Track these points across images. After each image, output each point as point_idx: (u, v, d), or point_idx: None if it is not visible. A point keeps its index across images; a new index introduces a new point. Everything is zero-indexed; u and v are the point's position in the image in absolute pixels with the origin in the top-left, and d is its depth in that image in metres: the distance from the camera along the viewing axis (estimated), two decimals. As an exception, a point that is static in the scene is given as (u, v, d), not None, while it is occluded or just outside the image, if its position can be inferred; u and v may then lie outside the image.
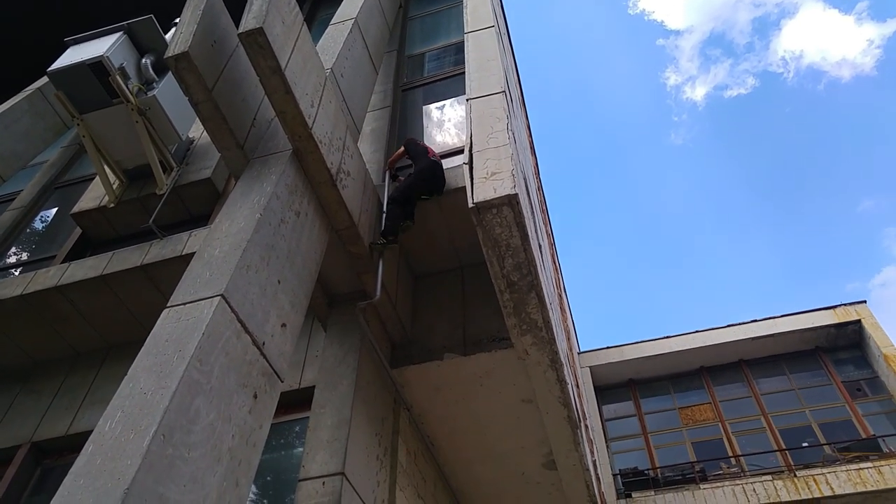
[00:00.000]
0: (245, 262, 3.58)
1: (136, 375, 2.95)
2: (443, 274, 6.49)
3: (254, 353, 3.45)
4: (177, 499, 2.63)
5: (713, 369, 18.65)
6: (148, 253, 6.15)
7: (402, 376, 5.92)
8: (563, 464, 6.67)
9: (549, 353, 5.47)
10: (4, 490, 5.58)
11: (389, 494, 5.19)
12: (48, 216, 8.58)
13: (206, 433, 2.92)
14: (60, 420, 6.04)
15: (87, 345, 6.60)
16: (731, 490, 15.24)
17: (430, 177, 5.85)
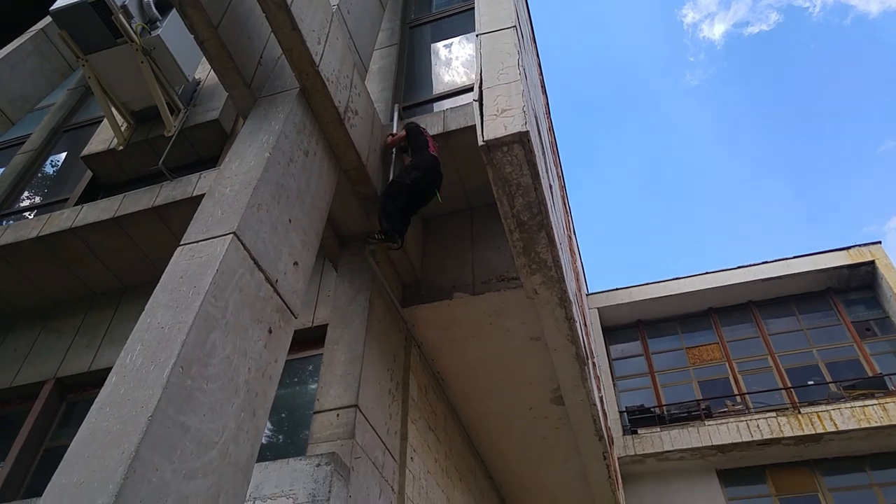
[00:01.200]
0: (256, 201, 3.62)
1: (153, 310, 3.03)
2: (452, 215, 6.51)
3: (267, 289, 3.52)
4: (197, 427, 2.75)
5: (722, 310, 18.78)
6: (158, 195, 6.21)
7: (412, 315, 6.03)
8: (570, 399, 6.83)
9: (558, 291, 5.54)
10: (33, 422, 5.83)
11: (402, 426, 5.37)
12: (58, 160, 8.62)
13: (223, 366, 3.02)
14: (82, 357, 6.23)
15: (104, 285, 6.74)
16: (734, 426, 15.55)
17: (433, 175, 5.36)
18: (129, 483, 2.32)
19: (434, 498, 5.70)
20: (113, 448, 2.44)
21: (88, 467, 2.40)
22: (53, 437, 5.95)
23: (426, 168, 5.30)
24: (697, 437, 15.69)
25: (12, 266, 6.55)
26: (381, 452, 4.76)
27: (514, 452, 7.76)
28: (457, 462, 6.73)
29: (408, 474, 5.15)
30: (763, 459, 15.55)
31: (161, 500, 2.44)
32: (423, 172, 5.26)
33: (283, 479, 3.86)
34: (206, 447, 2.76)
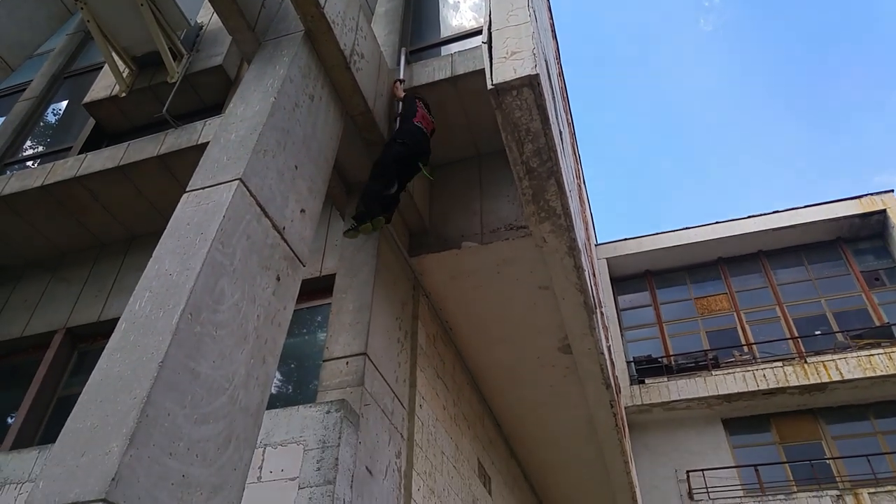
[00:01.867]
0: (262, 147, 3.55)
1: (160, 257, 3.01)
2: (460, 163, 6.42)
3: (274, 236, 3.49)
4: (207, 373, 2.75)
5: (731, 260, 18.71)
6: (163, 143, 6.13)
7: (420, 264, 6.00)
8: (578, 348, 6.85)
9: (567, 240, 5.49)
10: (46, 371, 5.90)
11: (410, 374, 5.40)
12: (60, 108, 8.51)
13: (231, 313, 3.00)
14: (92, 307, 6.27)
15: (111, 235, 6.73)
16: (741, 376, 15.68)
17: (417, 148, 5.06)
18: (142, 427, 2.33)
19: (443, 444, 5.78)
20: (125, 393, 2.44)
21: (101, 412, 2.41)
22: (66, 386, 6.04)
23: (407, 140, 5.01)
24: (704, 387, 15.85)
25: (19, 216, 6.54)
26: (390, 399, 4.80)
27: (521, 400, 7.83)
28: (465, 410, 6.80)
29: (416, 421, 5.21)
30: (768, 408, 15.73)
31: (174, 444, 2.45)
32: (404, 146, 4.99)
33: (294, 425, 3.91)
34: (216, 393, 2.76)
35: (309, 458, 3.70)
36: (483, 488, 6.88)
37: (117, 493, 2.15)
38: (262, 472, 3.72)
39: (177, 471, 2.44)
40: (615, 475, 9.27)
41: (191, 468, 2.51)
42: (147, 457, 2.32)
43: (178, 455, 2.46)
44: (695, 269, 19.04)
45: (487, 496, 6.99)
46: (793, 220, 17.82)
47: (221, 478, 2.68)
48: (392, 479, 4.54)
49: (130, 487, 2.21)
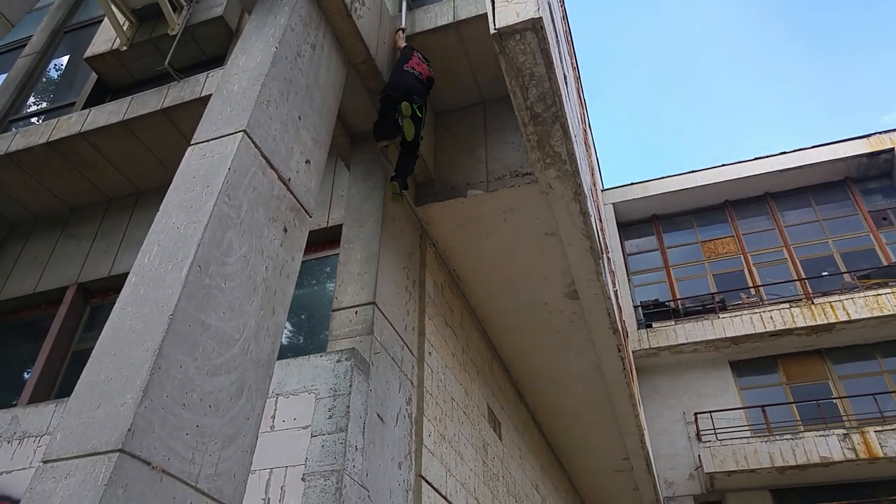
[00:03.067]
0: (265, 98, 3.52)
1: (167, 211, 3.02)
2: (464, 110, 6.33)
3: (280, 188, 3.49)
4: (217, 325, 2.79)
5: (738, 203, 18.60)
6: (167, 96, 6.07)
7: (426, 213, 6.00)
8: (585, 293, 6.88)
9: (573, 185, 5.46)
10: (60, 325, 6.01)
11: (419, 322, 5.47)
12: (61, 63, 8.42)
13: (240, 265, 3.03)
14: (102, 262, 6.33)
15: (118, 190, 6.74)
16: (748, 318, 15.76)
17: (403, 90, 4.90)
18: (155, 378, 2.38)
19: (452, 391, 5.88)
20: (137, 346, 2.49)
21: (115, 364, 2.47)
22: (80, 341, 6.16)
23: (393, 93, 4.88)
24: (711, 330, 15.96)
25: (26, 172, 6.55)
26: (399, 347, 4.87)
27: (529, 346, 7.93)
28: (473, 357, 6.90)
29: (426, 368, 5.30)
30: (775, 350, 15.87)
31: (187, 395, 2.51)
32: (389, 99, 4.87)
33: (305, 375, 3.98)
34: (227, 344, 2.81)
35: (320, 406, 3.78)
36: (493, 433, 7.04)
37: (133, 444, 2.21)
38: (275, 421, 3.81)
39: (191, 421, 2.50)
40: (623, 418, 9.45)
41: (204, 418, 2.57)
42: (161, 408, 2.38)
43: (191, 405, 2.52)
44: (701, 212, 18.95)
45: (497, 441, 7.15)
46: (800, 161, 17.62)
47: (235, 427, 2.75)
48: (403, 425, 4.64)
49: (146, 438, 2.27)
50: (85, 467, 2.17)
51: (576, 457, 10.84)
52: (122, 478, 2.14)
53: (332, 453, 3.57)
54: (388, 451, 4.27)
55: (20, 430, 4.58)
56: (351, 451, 3.64)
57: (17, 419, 4.65)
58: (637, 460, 10.65)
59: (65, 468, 2.20)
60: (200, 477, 2.48)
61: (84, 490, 2.10)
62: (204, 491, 2.49)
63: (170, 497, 2.32)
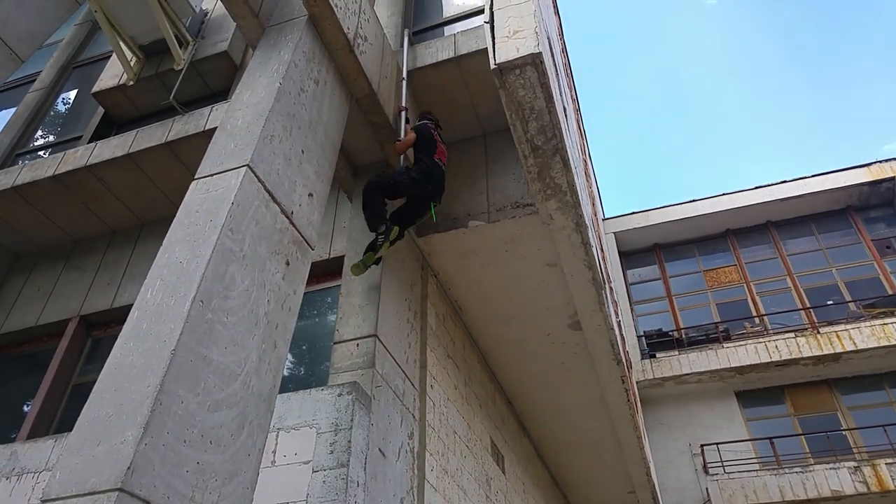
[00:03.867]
0: (268, 132, 3.56)
1: (171, 246, 3.04)
2: (465, 142, 6.40)
3: (283, 221, 3.51)
4: (219, 360, 2.79)
5: (739, 232, 18.61)
6: (171, 130, 6.15)
7: (427, 244, 6.02)
8: (587, 324, 6.86)
9: (574, 216, 5.48)
10: (61, 359, 6.00)
11: (420, 355, 5.45)
12: (69, 98, 8.55)
13: (242, 299, 3.04)
14: (104, 295, 6.34)
15: (122, 223, 6.79)
16: (753, 347, 15.65)
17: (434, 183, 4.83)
18: (156, 415, 2.37)
19: (455, 424, 5.84)
20: (138, 382, 2.48)
21: (116, 401, 2.46)
22: (81, 374, 6.14)
23: (427, 176, 4.79)
24: (716, 360, 15.84)
25: (31, 205, 6.60)
26: (401, 381, 4.85)
27: (532, 378, 7.88)
28: (476, 389, 6.86)
29: (428, 401, 5.26)
30: (781, 380, 15.72)
31: (188, 431, 2.50)
32: (422, 179, 4.77)
33: (306, 409, 3.96)
34: (229, 379, 2.81)
35: (322, 441, 3.76)
36: (496, 467, 6.96)
37: (133, 482, 2.20)
38: (276, 457, 3.78)
39: (191, 458, 2.48)
40: (628, 451, 9.34)
41: (205, 455, 2.56)
42: (162, 445, 2.36)
43: (192, 442, 2.50)
44: (703, 241, 18.96)
45: (501, 474, 7.07)
46: (801, 189, 17.68)
47: (236, 463, 2.73)
48: (405, 460, 4.60)
49: (146, 476, 2.26)
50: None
51: (580, 490, 10.69)
52: (120, 518, 2.12)
53: (334, 489, 3.53)
54: (391, 487, 4.22)
55: (19, 465, 4.55)
56: (353, 486, 3.60)
57: (15, 455, 4.62)
58: (643, 493, 10.49)
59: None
60: (200, 514, 2.46)
61: (82, 530, 2.08)
62: (203, 529, 2.46)
63: (168, 536, 2.29)
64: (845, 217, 17.77)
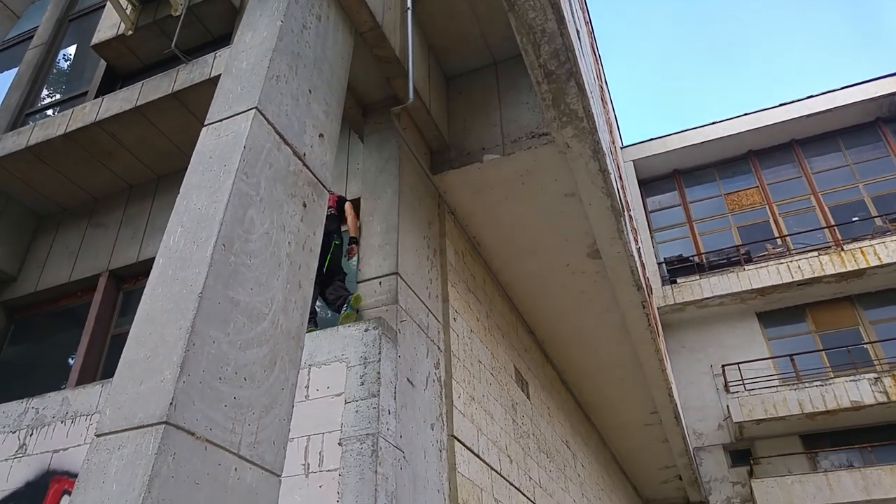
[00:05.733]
0: (274, 73, 3.52)
1: (188, 193, 3.06)
2: (476, 72, 6.28)
3: (296, 163, 3.51)
4: (246, 301, 2.84)
5: (762, 152, 18.28)
6: (176, 79, 6.09)
7: (443, 182, 6.00)
8: (607, 252, 6.87)
9: (591, 143, 5.41)
10: (97, 311, 6.17)
11: (442, 290, 5.51)
12: (70, 54, 8.46)
13: (263, 241, 3.07)
14: (129, 249, 6.45)
15: (138, 177, 6.82)
16: (775, 269, 15.62)
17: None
18: (191, 355, 2.45)
19: (479, 354, 5.95)
20: (171, 325, 2.55)
21: (152, 343, 2.54)
22: (117, 325, 6.31)
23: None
24: (737, 282, 15.86)
25: (47, 164, 6.64)
26: (424, 315, 4.92)
27: (553, 308, 7.95)
28: (498, 321, 6.95)
29: (452, 334, 5.35)
30: (803, 299, 15.74)
31: (222, 369, 2.58)
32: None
33: (335, 345, 4.05)
34: (257, 319, 2.87)
35: (352, 374, 3.86)
36: (521, 392, 7.11)
37: (176, 416, 2.29)
38: (310, 391, 3.90)
39: (228, 393, 2.57)
40: (651, 374, 9.48)
41: (241, 390, 2.65)
42: (199, 382, 2.45)
43: (227, 379, 2.59)
44: (724, 164, 18.67)
45: (526, 400, 7.24)
46: (828, 104, 17.19)
47: (271, 397, 2.82)
48: (433, 388, 4.72)
49: (188, 410, 2.35)
50: (134, 439, 2.26)
51: (604, 413, 10.93)
52: (170, 447, 2.23)
53: (367, 418, 3.65)
54: (420, 414, 4.35)
55: (71, 410, 4.75)
56: (384, 415, 3.71)
57: (67, 400, 4.82)
58: (665, 413, 10.71)
59: (116, 441, 2.29)
60: (242, 445, 2.57)
61: (137, 459, 2.20)
62: (246, 458, 2.57)
63: (215, 464, 2.40)
64: (874, 130, 17.32)
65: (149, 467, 2.16)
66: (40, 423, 4.78)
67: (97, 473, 2.26)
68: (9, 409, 5.00)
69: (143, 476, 2.15)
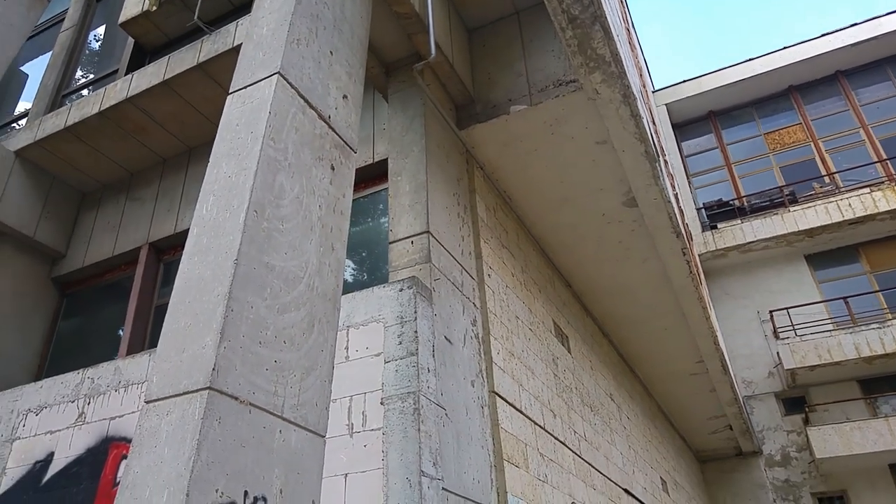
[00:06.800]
0: (294, 37, 3.50)
1: (217, 161, 3.10)
2: (498, 23, 6.14)
3: (322, 126, 3.51)
4: (281, 265, 2.89)
5: (804, 87, 17.57)
6: (201, 51, 6.12)
7: (470, 136, 5.93)
8: (643, 199, 6.74)
9: (621, 87, 5.27)
10: (140, 282, 6.37)
11: (475, 247, 5.50)
12: (100, 34, 8.57)
13: (294, 206, 3.10)
14: (166, 221, 6.60)
15: (170, 151, 6.94)
16: (823, 208, 15.14)
17: None
18: (230, 321, 2.51)
19: (516, 309, 5.96)
20: (208, 292, 2.61)
21: (191, 311, 2.60)
22: (160, 296, 6.51)
23: None
24: (782, 225, 15.44)
25: (85, 143, 6.80)
26: (458, 272, 4.94)
27: (590, 259, 7.88)
28: (534, 275, 6.93)
29: (487, 290, 5.36)
30: (855, 238, 15.24)
31: (261, 333, 2.64)
32: None
33: (371, 305, 4.10)
34: (293, 282, 2.92)
35: (390, 333, 3.91)
36: (561, 347, 7.13)
37: (219, 381, 2.36)
38: (349, 352, 3.97)
39: (269, 357, 2.63)
40: (694, 322, 9.38)
41: (281, 353, 2.71)
42: (239, 347, 2.51)
43: (267, 343, 2.65)
44: (763, 102, 18.02)
45: (567, 354, 7.25)
46: (874, 31, 16.36)
47: (311, 359, 2.88)
48: (471, 345, 4.76)
49: (230, 375, 2.42)
50: (181, 404, 2.34)
51: (648, 364, 10.89)
52: (216, 412, 2.31)
53: (406, 376, 3.71)
54: (460, 371, 4.40)
55: (123, 379, 4.96)
56: (424, 373, 3.77)
57: (119, 370, 5.02)
58: (712, 362, 10.62)
59: (165, 406, 2.38)
60: (285, 407, 2.64)
61: (185, 424, 2.28)
62: (290, 420, 2.65)
63: (260, 427, 2.48)
64: (925, 55, 16.45)
65: (196, 431, 2.24)
66: (96, 392, 5.00)
67: (149, 438, 2.36)
68: (67, 380, 5.23)
69: (192, 440, 2.24)
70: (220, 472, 2.27)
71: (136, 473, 2.31)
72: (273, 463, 2.51)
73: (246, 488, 2.36)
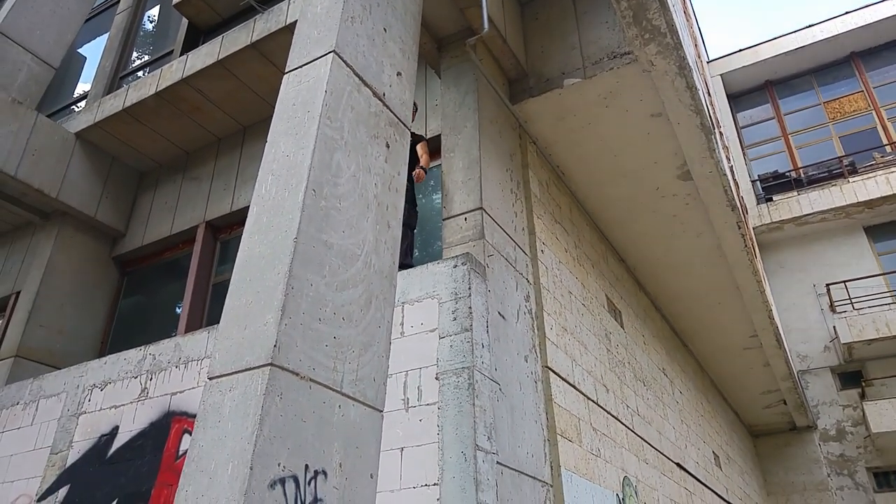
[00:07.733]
0: (348, 14, 3.49)
1: (275, 141, 3.14)
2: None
3: (377, 104, 3.51)
4: (339, 243, 2.92)
5: (866, 53, 16.76)
6: (254, 30, 6.18)
7: (523, 111, 5.86)
8: (698, 172, 6.57)
9: (676, 59, 5.12)
10: (198, 261, 6.54)
11: (528, 222, 5.47)
12: (154, 15, 8.73)
13: (350, 184, 3.12)
14: (223, 200, 6.74)
15: (225, 130, 7.07)
16: (884, 178, 14.53)
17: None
18: (290, 298, 2.56)
19: (569, 285, 5.91)
20: (269, 270, 2.66)
21: (252, 289, 2.66)
22: (217, 274, 6.68)
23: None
24: (840, 196, 14.89)
25: (143, 124, 6.98)
26: (511, 248, 4.92)
27: (644, 234, 7.75)
28: (587, 250, 6.85)
29: (540, 266, 5.33)
30: (917, 209, 14.61)
31: (321, 310, 2.68)
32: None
33: (426, 282, 4.12)
34: (350, 260, 2.95)
35: (444, 309, 3.93)
36: (614, 322, 7.06)
37: (281, 357, 2.42)
38: (405, 328, 4.01)
39: (328, 333, 2.68)
40: (749, 296, 9.16)
41: (340, 330, 2.75)
42: (300, 324, 2.56)
43: (326, 320, 2.69)
44: (822, 70, 17.25)
45: (620, 329, 7.18)
46: (942, -8, 15.44)
47: (369, 335, 2.92)
48: (524, 321, 4.75)
49: (291, 351, 2.47)
50: (244, 381, 2.40)
51: (701, 338, 10.70)
52: (277, 388, 2.36)
53: (461, 352, 3.73)
54: (514, 346, 4.41)
55: (183, 355, 5.12)
56: (478, 348, 3.78)
57: (178, 346, 5.19)
58: (766, 336, 10.37)
59: (228, 383, 2.45)
60: (344, 383, 2.69)
61: (248, 399, 2.34)
62: (349, 395, 2.70)
63: (320, 402, 2.53)
64: None
65: (259, 406, 2.30)
66: (157, 369, 5.17)
67: (213, 413, 2.43)
68: (130, 357, 5.43)
69: (255, 415, 2.29)
70: (281, 447, 2.33)
71: (201, 447, 2.38)
72: (332, 437, 2.57)
73: (306, 462, 2.42)
